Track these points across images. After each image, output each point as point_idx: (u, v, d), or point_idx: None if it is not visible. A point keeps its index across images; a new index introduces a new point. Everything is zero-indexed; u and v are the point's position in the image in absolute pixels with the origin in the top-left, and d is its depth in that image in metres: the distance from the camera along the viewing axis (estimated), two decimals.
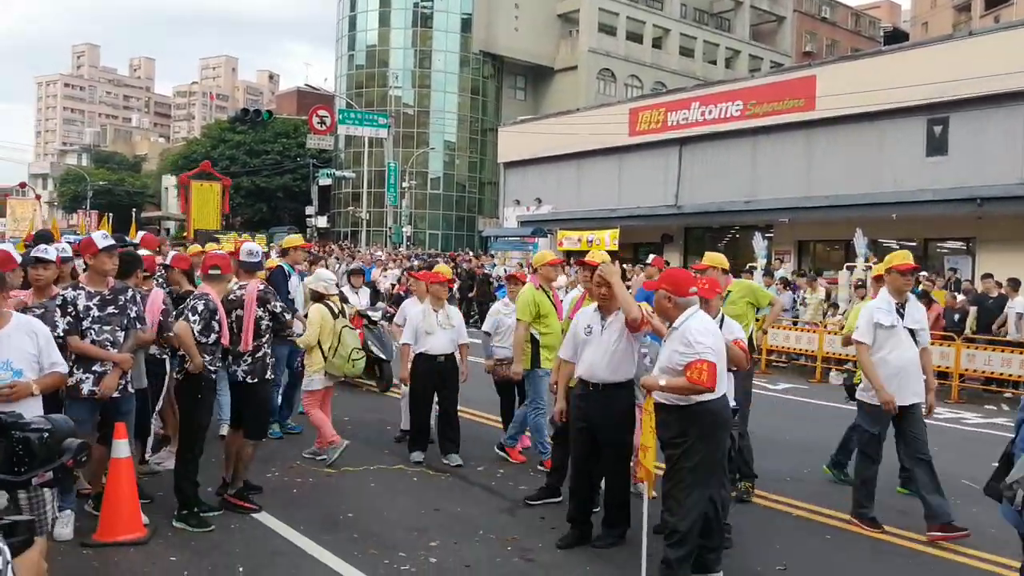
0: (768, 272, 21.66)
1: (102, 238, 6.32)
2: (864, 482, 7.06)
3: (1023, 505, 4.20)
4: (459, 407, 8.92)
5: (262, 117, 37.28)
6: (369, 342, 12.37)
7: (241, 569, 5.63)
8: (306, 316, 9.00)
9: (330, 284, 8.78)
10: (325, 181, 49.85)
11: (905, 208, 26.32)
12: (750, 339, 7.69)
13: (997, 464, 4.43)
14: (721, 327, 6.54)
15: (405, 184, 48.78)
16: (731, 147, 33.89)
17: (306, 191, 54.20)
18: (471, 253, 39.36)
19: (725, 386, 5.59)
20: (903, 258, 7.17)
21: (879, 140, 28.75)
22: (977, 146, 26.12)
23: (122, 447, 6.11)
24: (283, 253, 10.45)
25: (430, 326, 8.55)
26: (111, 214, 27.77)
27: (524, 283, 9.02)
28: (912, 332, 6.98)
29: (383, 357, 12.53)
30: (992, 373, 14.66)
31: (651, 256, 10.72)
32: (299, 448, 8.90)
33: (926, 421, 7.05)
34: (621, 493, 6.35)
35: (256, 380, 6.93)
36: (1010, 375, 14.49)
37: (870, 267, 19.72)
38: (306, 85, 59.24)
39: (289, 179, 62.60)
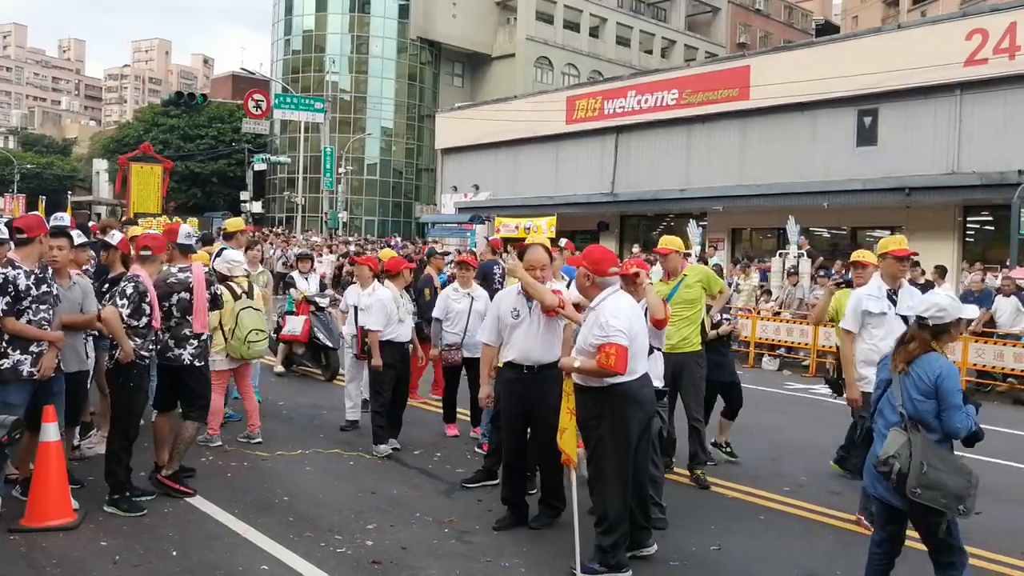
0: (703, 259, 21.91)
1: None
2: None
3: (897, 479, 4.47)
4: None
5: (196, 101, 36.61)
6: (315, 329, 12.25)
7: (174, 553, 5.55)
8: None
9: (234, 265, 8.48)
10: (260, 166, 49.10)
11: (836, 197, 26.86)
12: (702, 324, 7.81)
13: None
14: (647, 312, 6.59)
15: (341, 170, 48.31)
16: (667, 136, 34.20)
17: (241, 176, 53.47)
18: (398, 238, 39.13)
19: (644, 366, 5.57)
20: (898, 243, 6.92)
21: (811, 130, 29.25)
22: (905, 137, 26.72)
23: (50, 430, 5.98)
24: (227, 237, 10.28)
25: (402, 313, 8.53)
26: (44, 197, 26.94)
27: (475, 268, 8.98)
28: (906, 319, 6.53)
29: (329, 345, 12.28)
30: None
31: (563, 240, 10.68)
32: (233, 433, 8.78)
33: None
34: (557, 474, 6.36)
35: (203, 363, 6.89)
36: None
37: (802, 254, 20.15)
38: (242, 69, 58.31)
39: (224, 164, 61.67)
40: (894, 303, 6.75)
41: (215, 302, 7.10)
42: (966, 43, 25.06)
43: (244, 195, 48.79)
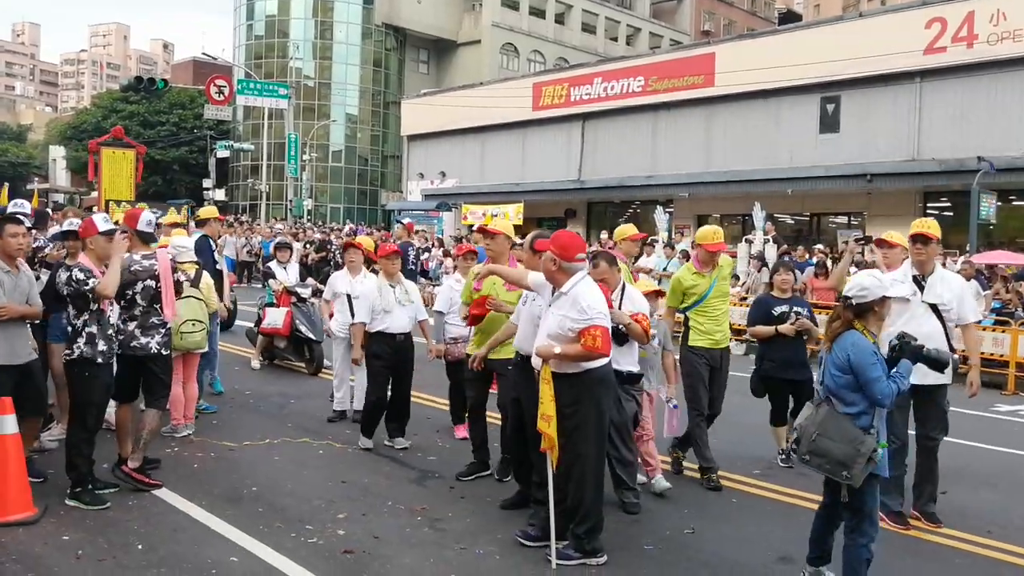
0: (670, 245, 21.96)
1: (103, 221, 6.37)
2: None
3: (797, 447, 4.88)
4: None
5: (157, 86, 35.87)
6: (297, 321, 11.72)
7: (140, 546, 5.44)
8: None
9: (180, 251, 8.28)
10: (223, 153, 48.62)
11: (799, 184, 27.13)
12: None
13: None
14: (622, 298, 6.60)
15: (306, 157, 47.94)
16: (633, 123, 34.30)
17: (203, 164, 52.85)
18: (349, 225, 38.88)
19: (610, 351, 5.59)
20: (917, 226, 6.66)
21: (775, 117, 29.46)
22: (867, 124, 27.02)
23: (7, 423, 5.84)
24: (200, 224, 10.11)
25: (388, 303, 8.04)
26: (7, 184, 26.23)
27: (476, 256, 8.64)
28: (934, 307, 6.48)
29: (312, 337, 11.72)
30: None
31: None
32: (199, 424, 8.63)
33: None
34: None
35: (168, 352, 6.79)
36: None
37: (768, 240, 20.26)
38: (203, 54, 57.60)
39: (185, 151, 60.92)
40: (922, 289, 6.53)
41: (177, 289, 6.99)
42: (926, 31, 25.37)
43: (207, 182, 48.25)
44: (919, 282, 6.54)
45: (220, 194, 49.53)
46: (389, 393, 8.12)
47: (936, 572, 5.64)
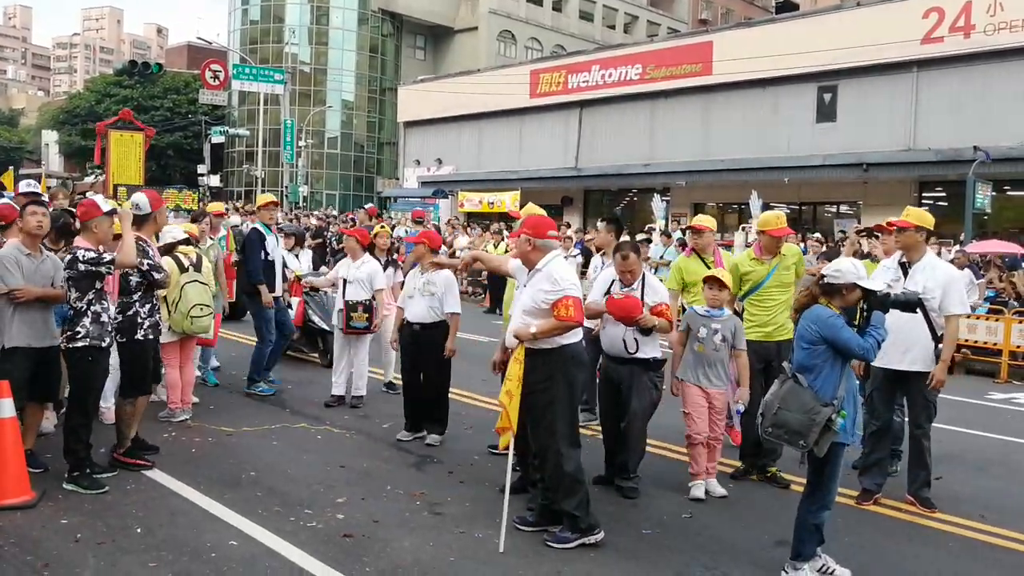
0: (667, 233, 21.97)
1: (104, 202, 6.32)
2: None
3: (762, 422, 5.00)
4: (377, 369, 8.77)
5: (151, 70, 35.84)
6: (310, 312, 11.52)
7: (139, 530, 5.45)
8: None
9: (163, 234, 8.11)
10: (218, 139, 48.45)
11: (797, 172, 27.14)
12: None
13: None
14: (644, 288, 6.57)
15: (302, 143, 47.82)
16: (630, 110, 34.26)
17: (198, 149, 52.67)
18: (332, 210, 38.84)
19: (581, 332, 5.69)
20: (905, 214, 6.60)
21: (773, 106, 29.45)
22: (864, 113, 27.02)
23: (5, 406, 5.84)
24: (251, 213, 10.11)
25: (409, 290, 8.00)
26: (12, 167, 25.89)
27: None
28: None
29: (326, 328, 11.21)
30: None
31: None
32: (197, 409, 8.64)
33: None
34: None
35: (125, 339, 6.67)
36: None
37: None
38: (198, 39, 57.34)
39: (180, 137, 60.63)
40: (906, 275, 6.50)
41: (145, 277, 6.74)
42: (923, 21, 25.36)
43: (201, 168, 48.08)
44: (906, 269, 6.53)
45: (215, 180, 49.37)
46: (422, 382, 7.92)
47: (931, 556, 5.68)
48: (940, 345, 6.40)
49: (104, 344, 6.24)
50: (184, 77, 63.72)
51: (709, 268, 7.52)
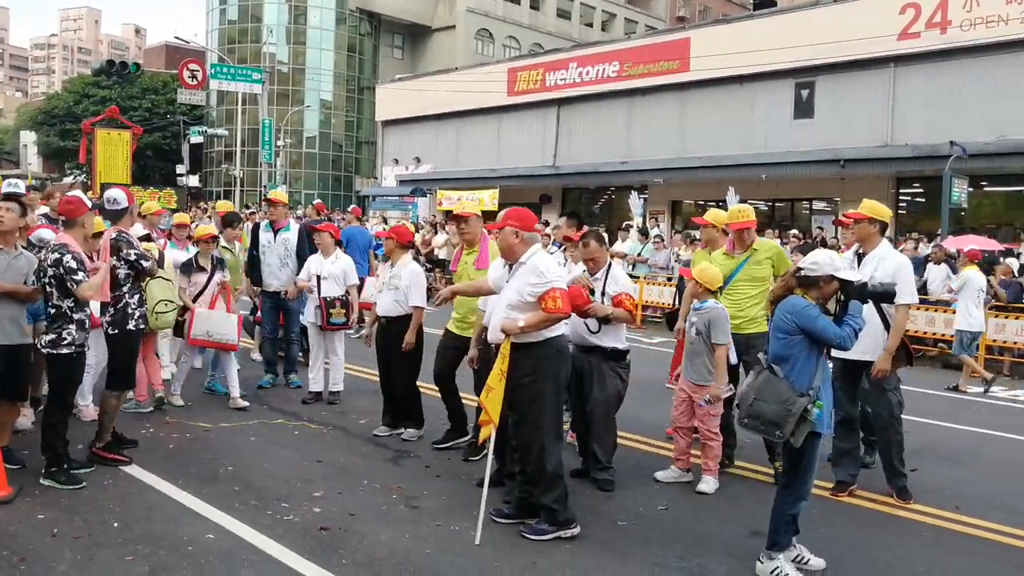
0: (644, 231, 22.07)
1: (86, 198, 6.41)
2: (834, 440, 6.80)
3: (739, 412, 5.05)
4: (352, 365, 8.71)
5: (129, 70, 35.60)
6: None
7: (116, 525, 5.44)
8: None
9: (139, 232, 8.16)
10: (196, 139, 48.10)
11: (774, 169, 27.24)
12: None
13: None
14: (607, 278, 6.65)
15: (280, 143, 47.61)
16: (608, 108, 34.31)
17: (176, 149, 52.34)
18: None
19: (565, 327, 5.75)
20: (860, 207, 6.73)
21: (750, 102, 29.55)
22: (841, 109, 27.15)
23: None
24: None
25: (378, 284, 8.06)
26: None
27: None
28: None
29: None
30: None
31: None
32: (181, 408, 8.65)
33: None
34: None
35: (117, 331, 6.70)
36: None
37: None
38: (176, 38, 56.81)
39: (158, 137, 60.17)
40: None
41: (133, 267, 6.80)
42: (900, 17, 25.49)
43: (180, 168, 47.77)
44: (861, 259, 6.64)
45: (194, 180, 49.06)
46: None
47: (904, 546, 5.74)
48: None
49: (85, 349, 6.33)
50: (162, 77, 63.29)
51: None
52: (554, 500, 5.48)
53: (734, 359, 6.91)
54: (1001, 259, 16.74)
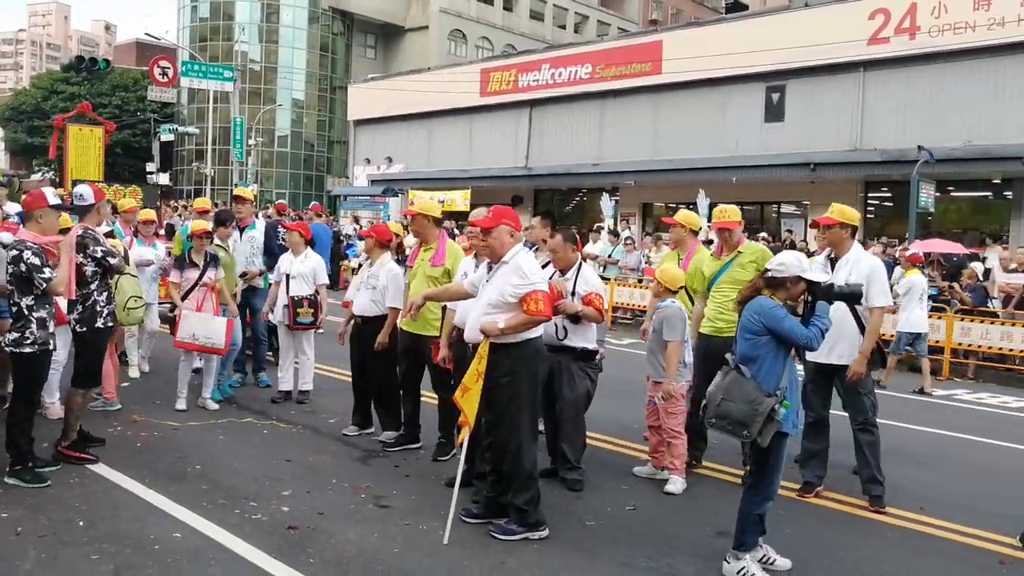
0: (615, 232, 22.14)
1: (52, 195, 6.29)
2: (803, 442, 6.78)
3: (706, 413, 5.08)
4: (322, 365, 8.65)
5: (99, 66, 35.15)
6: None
7: (81, 523, 5.39)
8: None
9: (104, 228, 8.02)
10: (167, 137, 47.68)
11: (745, 172, 27.42)
12: None
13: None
14: (577, 277, 6.67)
15: (251, 142, 47.31)
16: (580, 110, 34.39)
17: (147, 147, 51.79)
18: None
19: (542, 329, 5.75)
20: (829, 211, 6.74)
21: (721, 105, 29.71)
22: (811, 113, 27.39)
23: None
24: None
25: (357, 283, 7.97)
26: None
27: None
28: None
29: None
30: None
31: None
32: (143, 403, 8.57)
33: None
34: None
35: (85, 329, 6.62)
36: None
37: (711, 227, 20.51)
38: (147, 35, 56.40)
39: (128, 134, 59.63)
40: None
41: (99, 264, 6.67)
42: (869, 22, 25.76)
43: (150, 166, 47.32)
44: (834, 264, 6.64)
45: (164, 178, 48.62)
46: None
47: (873, 546, 5.80)
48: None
49: (50, 347, 6.22)
50: (133, 74, 62.72)
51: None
52: (526, 502, 5.48)
53: (688, 358, 6.89)
54: (968, 264, 16.95)
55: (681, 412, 6.80)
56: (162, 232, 12.73)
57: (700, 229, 8.38)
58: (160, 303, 10.54)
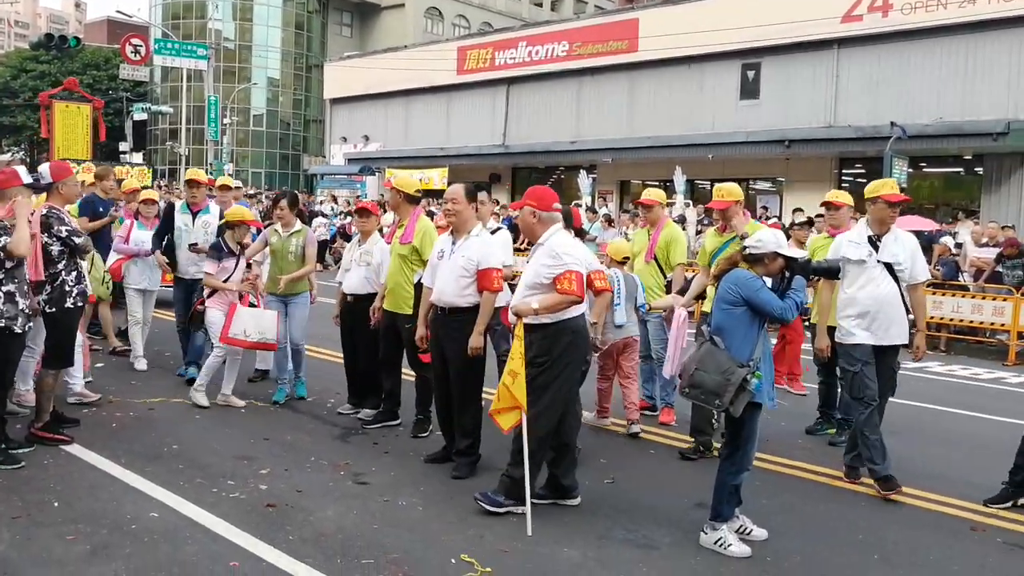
0: (592, 209, 22.15)
1: (25, 173, 6.26)
2: (864, 432, 6.35)
3: (683, 384, 5.17)
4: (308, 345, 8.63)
5: (69, 44, 34.70)
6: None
7: (56, 504, 5.36)
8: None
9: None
10: (140, 116, 47.15)
11: (721, 149, 27.51)
12: None
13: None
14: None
15: (227, 121, 46.92)
16: (557, 88, 34.34)
17: (119, 126, 51.27)
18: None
19: (585, 305, 5.76)
20: (891, 188, 6.46)
21: (697, 83, 29.77)
22: (786, 90, 27.49)
23: None
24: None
25: (347, 261, 7.86)
26: None
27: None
28: (890, 267, 6.28)
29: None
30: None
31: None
32: (118, 383, 8.54)
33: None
34: (468, 421, 6.27)
35: (55, 309, 6.54)
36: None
37: (688, 204, 20.58)
38: (118, 12, 55.46)
39: (100, 113, 59.05)
40: (877, 249, 6.33)
41: (66, 244, 6.59)
42: (843, 0, 25.80)
43: (123, 146, 46.86)
44: (874, 243, 6.35)
45: (138, 158, 48.16)
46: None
47: (847, 515, 5.86)
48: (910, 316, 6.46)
49: (17, 323, 6.03)
50: (104, 52, 61.86)
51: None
52: (521, 476, 5.39)
53: (620, 319, 7.51)
54: (939, 239, 17.08)
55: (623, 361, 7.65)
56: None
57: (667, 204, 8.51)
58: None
